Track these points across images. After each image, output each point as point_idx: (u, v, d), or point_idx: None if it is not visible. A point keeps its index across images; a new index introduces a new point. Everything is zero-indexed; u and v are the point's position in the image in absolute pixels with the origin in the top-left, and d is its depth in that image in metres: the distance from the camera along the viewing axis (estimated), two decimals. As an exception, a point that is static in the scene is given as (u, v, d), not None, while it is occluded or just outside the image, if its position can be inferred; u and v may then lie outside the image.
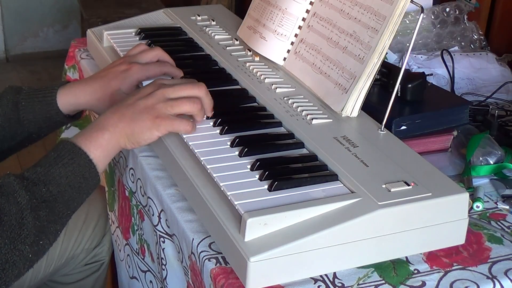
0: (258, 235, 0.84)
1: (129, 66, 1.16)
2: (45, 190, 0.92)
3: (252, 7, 1.39)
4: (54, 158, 0.95)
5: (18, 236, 0.88)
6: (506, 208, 1.06)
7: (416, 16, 1.52)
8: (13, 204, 0.88)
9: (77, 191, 0.96)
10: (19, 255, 0.88)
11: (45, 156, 0.97)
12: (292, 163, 0.97)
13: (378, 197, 0.88)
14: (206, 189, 0.93)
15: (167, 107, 1.01)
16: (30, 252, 0.90)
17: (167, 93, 1.02)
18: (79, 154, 0.96)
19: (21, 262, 0.89)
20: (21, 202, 0.89)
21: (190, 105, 1.02)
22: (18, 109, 1.14)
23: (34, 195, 0.91)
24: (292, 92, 1.17)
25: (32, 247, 0.90)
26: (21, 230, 0.88)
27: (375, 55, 1.07)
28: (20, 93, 1.15)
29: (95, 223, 1.44)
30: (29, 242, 0.89)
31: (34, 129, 1.16)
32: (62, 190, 0.94)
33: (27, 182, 0.91)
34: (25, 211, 0.89)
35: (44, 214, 0.91)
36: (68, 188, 0.94)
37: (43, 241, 0.92)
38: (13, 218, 0.88)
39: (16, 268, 0.89)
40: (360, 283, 0.87)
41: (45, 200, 0.92)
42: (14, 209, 0.88)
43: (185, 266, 0.99)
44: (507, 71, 1.52)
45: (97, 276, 1.50)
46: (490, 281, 0.89)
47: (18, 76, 3.82)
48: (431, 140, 1.17)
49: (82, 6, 3.35)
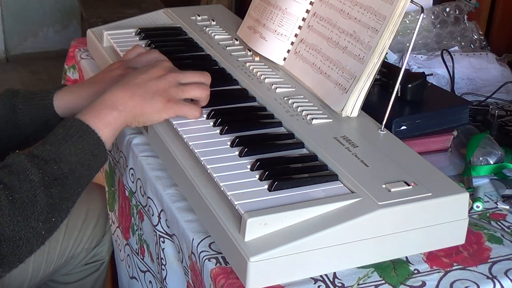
0: (258, 235, 0.84)
1: (125, 72, 1.16)
2: (56, 168, 0.93)
3: (252, 7, 1.39)
4: (63, 136, 0.96)
5: (32, 213, 0.90)
6: (506, 208, 1.06)
7: (416, 16, 1.52)
8: (25, 182, 0.90)
9: (87, 168, 0.97)
10: (32, 232, 0.90)
11: (53, 133, 0.97)
12: (292, 163, 0.97)
13: (378, 197, 0.88)
14: (206, 189, 0.93)
15: (178, 91, 1.05)
16: (43, 228, 0.92)
17: (178, 77, 1.06)
18: (87, 132, 0.97)
19: (34, 239, 0.91)
20: (33, 180, 0.90)
21: (200, 91, 1.07)
22: (15, 112, 1.14)
23: (46, 173, 0.92)
24: (292, 92, 1.17)
25: (45, 223, 0.92)
26: (34, 208, 0.90)
27: (375, 55, 1.07)
28: (17, 96, 1.15)
29: (95, 222, 1.44)
30: (42, 219, 0.91)
31: (31, 132, 1.16)
32: (73, 168, 0.95)
33: (38, 160, 0.93)
34: (38, 188, 0.90)
35: (57, 191, 0.93)
36: (79, 165, 0.96)
37: (55, 218, 0.93)
38: (25, 196, 0.89)
39: (30, 245, 0.91)
40: (360, 283, 0.87)
41: (57, 177, 0.93)
42: (26, 187, 0.90)
43: (185, 266, 0.99)
44: (507, 71, 1.52)
45: (97, 275, 1.50)
46: (490, 281, 0.89)
47: (18, 76, 3.82)
48: (431, 140, 1.17)
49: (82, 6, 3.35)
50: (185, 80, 1.07)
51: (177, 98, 1.05)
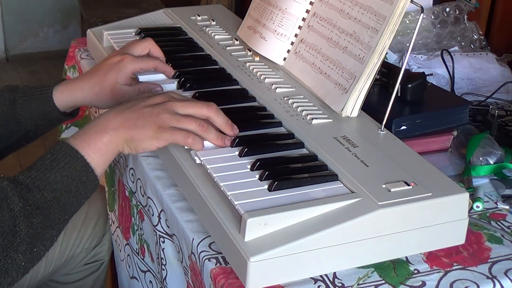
0: (258, 235, 0.84)
1: (122, 58, 1.16)
2: (39, 196, 0.90)
3: (252, 7, 1.39)
4: (50, 162, 0.92)
5: (11, 244, 0.86)
6: (506, 208, 1.06)
7: (416, 16, 1.52)
8: (6, 211, 0.87)
9: (74, 195, 0.94)
10: (11, 263, 0.87)
11: (41, 157, 0.94)
12: (292, 163, 0.97)
13: (378, 197, 0.88)
14: (206, 189, 0.93)
15: (172, 119, 0.98)
16: (23, 260, 0.88)
17: (176, 106, 0.99)
18: (76, 157, 0.93)
19: (14, 270, 0.88)
20: (14, 209, 0.87)
21: (196, 125, 0.98)
22: (15, 107, 1.13)
23: (27, 202, 0.89)
24: (292, 92, 1.17)
25: (25, 254, 0.88)
26: (13, 238, 0.87)
27: (375, 55, 1.07)
28: (17, 91, 1.15)
29: (95, 222, 1.44)
30: (22, 250, 0.88)
31: (31, 127, 1.15)
32: (58, 196, 0.91)
33: (21, 187, 0.89)
34: (18, 218, 0.87)
35: (38, 221, 0.89)
36: (64, 193, 0.92)
37: (37, 248, 0.90)
38: (6, 225, 0.86)
39: (9, 276, 0.88)
40: (360, 283, 0.87)
41: (39, 206, 0.89)
42: (7, 216, 0.87)
43: (185, 266, 0.99)
44: (507, 71, 1.52)
45: (97, 275, 1.50)
46: (490, 281, 0.89)
47: (18, 76, 3.82)
48: (431, 140, 1.17)
49: (82, 6, 3.35)
50: (183, 111, 0.99)
51: (169, 125, 0.97)
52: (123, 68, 1.15)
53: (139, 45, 1.21)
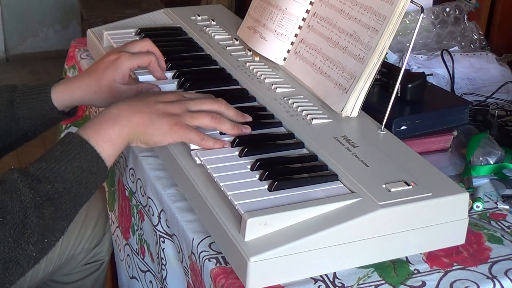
0: (258, 235, 0.84)
1: (118, 55, 1.16)
2: (50, 187, 0.90)
3: (252, 7, 1.39)
4: (60, 153, 0.93)
5: (22, 235, 0.87)
6: (506, 208, 1.06)
7: (416, 16, 1.52)
8: (17, 202, 0.87)
9: (84, 186, 0.94)
10: (22, 254, 0.88)
11: (51, 149, 0.94)
12: (292, 163, 0.97)
13: (378, 197, 0.88)
14: (206, 189, 0.93)
15: (187, 117, 1.00)
16: (34, 250, 0.89)
17: (189, 105, 1.02)
18: (86, 148, 0.94)
19: (25, 261, 0.88)
20: (24, 201, 0.87)
21: (209, 119, 1.01)
22: (13, 107, 1.14)
23: (38, 193, 0.89)
24: (292, 92, 1.17)
25: (36, 245, 0.89)
26: (24, 229, 0.87)
27: (375, 55, 1.07)
28: (15, 91, 1.15)
29: (95, 222, 1.44)
30: (32, 241, 0.88)
31: (30, 127, 1.15)
32: (69, 187, 0.92)
33: (31, 179, 0.90)
34: (29, 209, 0.87)
35: (49, 212, 0.89)
36: (75, 184, 0.92)
37: (48, 238, 0.91)
38: (16, 217, 0.87)
39: (20, 267, 0.88)
40: (360, 283, 0.87)
41: (50, 197, 0.90)
42: (17, 208, 0.87)
43: (185, 266, 0.99)
44: (507, 71, 1.52)
45: (97, 275, 1.50)
46: (490, 281, 0.89)
47: (18, 76, 3.82)
48: (431, 140, 1.17)
49: (82, 6, 3.35)
50: (196, 108, 1.03)
51: (185, 122, 1.00)
52: (120, 66, 1.15)
53: (137, 45, 1.21)
